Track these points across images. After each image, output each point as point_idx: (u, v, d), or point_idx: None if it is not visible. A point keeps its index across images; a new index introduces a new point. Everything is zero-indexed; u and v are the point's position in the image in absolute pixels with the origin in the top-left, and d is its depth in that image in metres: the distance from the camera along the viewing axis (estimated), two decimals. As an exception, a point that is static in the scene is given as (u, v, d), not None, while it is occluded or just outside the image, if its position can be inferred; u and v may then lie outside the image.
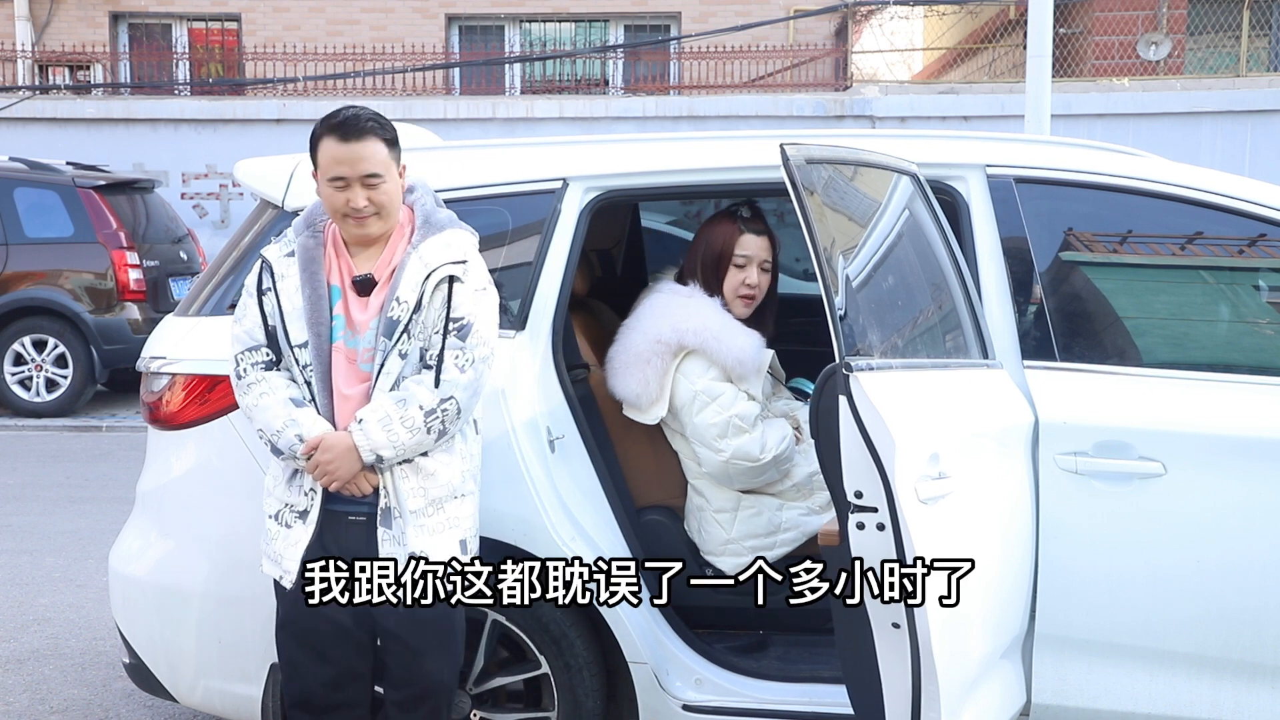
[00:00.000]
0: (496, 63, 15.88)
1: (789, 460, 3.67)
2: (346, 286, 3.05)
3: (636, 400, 3.59)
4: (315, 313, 3.01)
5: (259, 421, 3.01)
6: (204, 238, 12.87)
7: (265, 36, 15.84)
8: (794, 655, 3.58)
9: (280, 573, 3.05)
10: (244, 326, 3.08)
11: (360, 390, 3.00)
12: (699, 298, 3.66)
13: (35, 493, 7.85)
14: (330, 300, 3.03)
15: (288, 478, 3.05)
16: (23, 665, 4.79)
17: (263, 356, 3.05)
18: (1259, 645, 3.10)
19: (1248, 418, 3.13)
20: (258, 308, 3.07)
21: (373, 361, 2.98)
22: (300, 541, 3.02)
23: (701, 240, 3.77)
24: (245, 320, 3.09)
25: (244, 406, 3.06)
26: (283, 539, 3.04)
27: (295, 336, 3.02)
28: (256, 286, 3.09)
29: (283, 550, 3.04)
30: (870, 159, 3.13)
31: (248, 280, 3.13)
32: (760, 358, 3.64)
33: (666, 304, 3.64)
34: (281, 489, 3.07)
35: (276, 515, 3.07)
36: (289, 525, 3.04)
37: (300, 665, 3.10)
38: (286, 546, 3.03)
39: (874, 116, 13.77)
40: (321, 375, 3.01)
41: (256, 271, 3.11)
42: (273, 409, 2.99)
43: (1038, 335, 3.27)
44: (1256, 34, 15.20)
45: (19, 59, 15.51)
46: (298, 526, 3.03)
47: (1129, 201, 3.39)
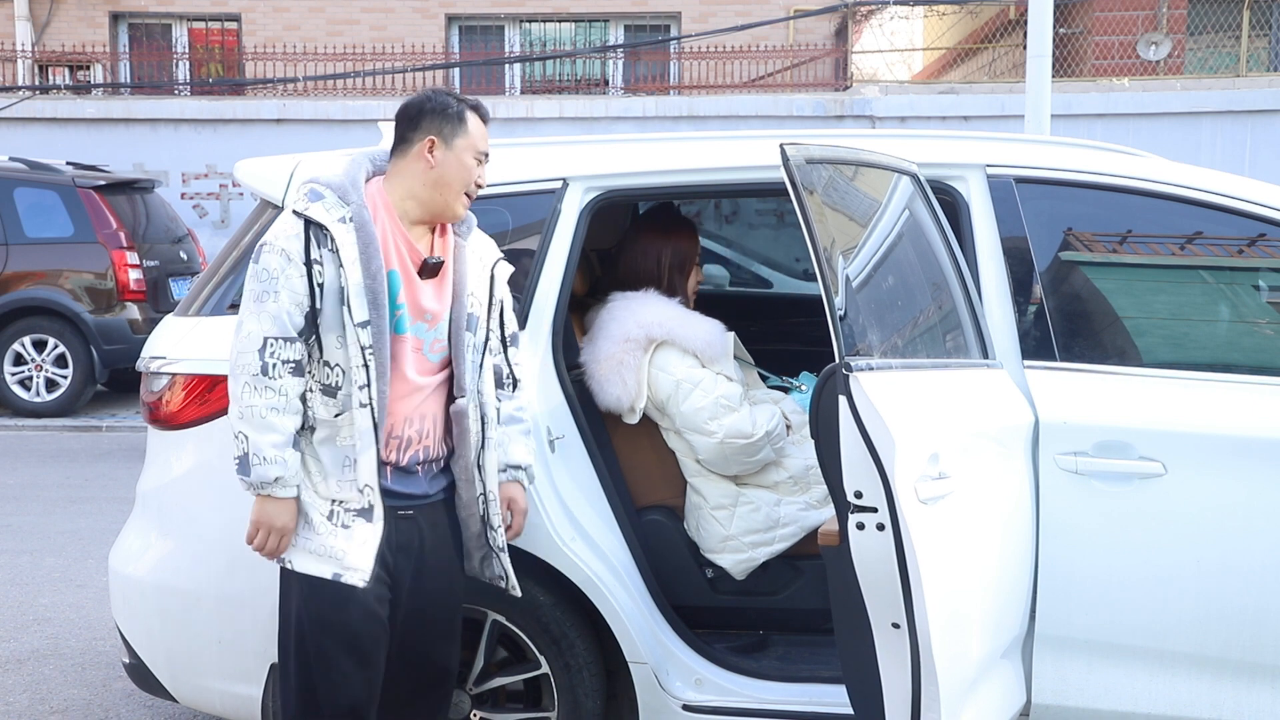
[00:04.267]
0: (496, 63, 15.88)
1: (781, 439, 3.69)
2: (409, 269, 2.94)
3: (620, 404, 3.61)
4: (378, 292, 2.84)
5: (252, 430, 2.79)
6: (204, 238, 12.87)
7: (265, 36, 15.84)
8: (794, 655, 3.59)
9: (341, 570, 2.87)
10: (281, 304, 2.79)
11: (436, 380, 3.01)
12: (653, 295, 3.73)
13: (35, 493, 7.85)
14: (391, 284, 2.89)
15: (338, 473, 2.88)
16: (23, 665, 4.79)
17: (295, 354, 2.82)
18: (1259, 645, 3.10)
19: (1248, 418, 3.13)
20: (305, 280, 2.81)
21: (442, 352, 3.01)
22: (369, 540, 2.88)
23: (656, 250, 3.85)
24: (282, 296, 2.80)
25: (243, 401, 2.80)
26: (342, 537, 2.88)
27: (358, 314, 2.82)
28: (304, 253, 2.81)
29: (344, 547, 2.87)
30: (870, 159, 3.13)
31: (285, 244, 2.81)
32: (725, 338, 3.72)
33: (624, 308, 3.69)
34: (328, 485, 2.90)
35: (330, 515, 2.89)
36: (347, 525, 2.89)
37: (348, 673, 2.92)
38: (350, 545, 2.87)
39: (874, 116, 13.77)
40: (383, 361, 2.86)
41: (299, 235, 2.82)
42: (276, 431, 2.80)
43: (1038, 335, 3.28)
44: (1256, 34, 15.20)
45: (19, 59, 15.51)
46: (360, 525, 2.89)
47: (1129, 201, 3.39)
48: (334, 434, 2.90)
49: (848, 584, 2.80)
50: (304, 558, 2.90)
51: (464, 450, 3.06)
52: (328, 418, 2.90)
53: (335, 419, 2.90)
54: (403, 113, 3.02)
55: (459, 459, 3.07)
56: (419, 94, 3.03)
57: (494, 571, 3.14)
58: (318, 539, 2.89)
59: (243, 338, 2.83)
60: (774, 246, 6.19)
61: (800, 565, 3.67)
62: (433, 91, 3.03)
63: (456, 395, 3.04)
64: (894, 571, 2.68)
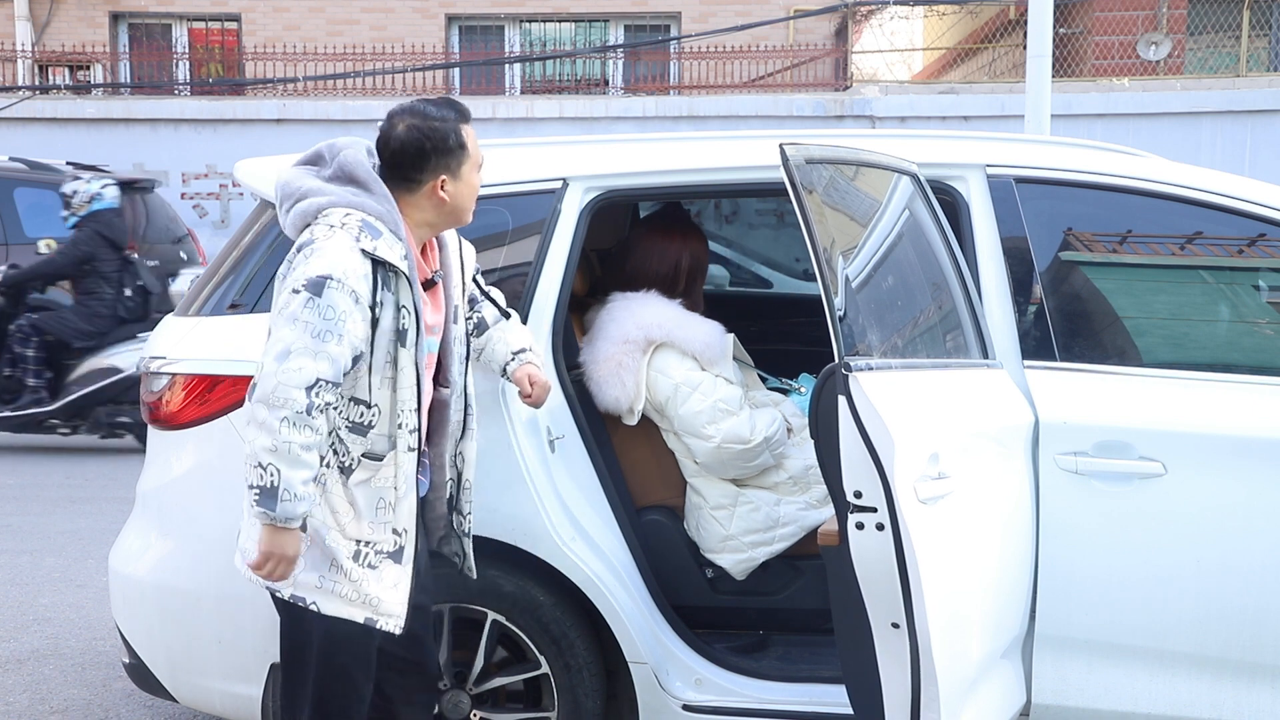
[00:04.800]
0: (496, 63, 15.88)
1: (781, 444, 3.68)
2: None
3: (619, 405, 3.60)
4: (424, 334, 2.89)
5: (285, 466, 2.66)
6: (204, 238, 12.86)
7: (265, 36, 15.84)
8: (794, 655, 3.59)
9: (375, 616, 2.84)
10: (342, 348, 2.71)
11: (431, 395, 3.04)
12: (653, 296, 3.71)
13: (35, 493, 7.85)
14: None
15: (371, 515, 2.85)
16: (23, 665, 4.79)
17: (334, 397, 2.74)
18: (1259, 645, 3.10)
19: (1248, 418, 3.13)
20: (369, 325, 2.76)
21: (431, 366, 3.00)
22: (400, 583, 2.86)
23: (675, 252, 3.84)
24: (345, 340, 2.71)
25: (280, 436, 2.66)
26: (373, 580, 2.83)
27: (418, 359, 2.86)
28: (372, 295, 2.75)
29: (377, 593, 2.83)
30: (870, 159, 3.13)
31: (356, 285, 2.71)
32: (724, 340, 3.71)
33: (624, 309, 3.69)
34: (359, 527, 2.84)
35: (356, 555, 2.83)
36: (374, 566, 2.84)
37: (360, 686, 2.95)
38: (383, 589, 2.83)
39: (874, 116, 13.78)
40: (424, 402, 2.93)
41: (368, 276, 2.75)
42: (308, 468, 2.71)
43: (1038, 335, 3.28)
44: (1256, 34, 15.20)
45: (19, 59, 15.51)
46: (389, 566, 2.85)
47: (1129, 201, 3.39)
48: (373, 475, 2.86)
49: (847, 584, 2.80)
50: (332, 601, 2.83)
51: (440, 439, 3.07)
52: (357, 455, 2.85)
53: (363, 458, 2.85)
54: (400, 153, 2.88)
55: (434, 446, 3.08)
56: (406, 128, 2.88)
57: (451, 548, 3.18)
58: (349, 584, 2.83)
59: (290, 370, 2.68)
60: (774, 246, 6.18)
61: (800, 565, 3.67)
62: (420, 120, 2.88)
63: (440, 385, 3.04)
64: (893, 571, 2.68)
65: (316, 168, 2.96)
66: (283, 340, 2.70)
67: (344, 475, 2.85)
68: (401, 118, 2.92)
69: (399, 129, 2.90)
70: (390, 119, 2.94)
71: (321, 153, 2.98)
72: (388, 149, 2.91)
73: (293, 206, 2.90)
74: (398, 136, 2.90)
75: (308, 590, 2.83)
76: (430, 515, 3.14)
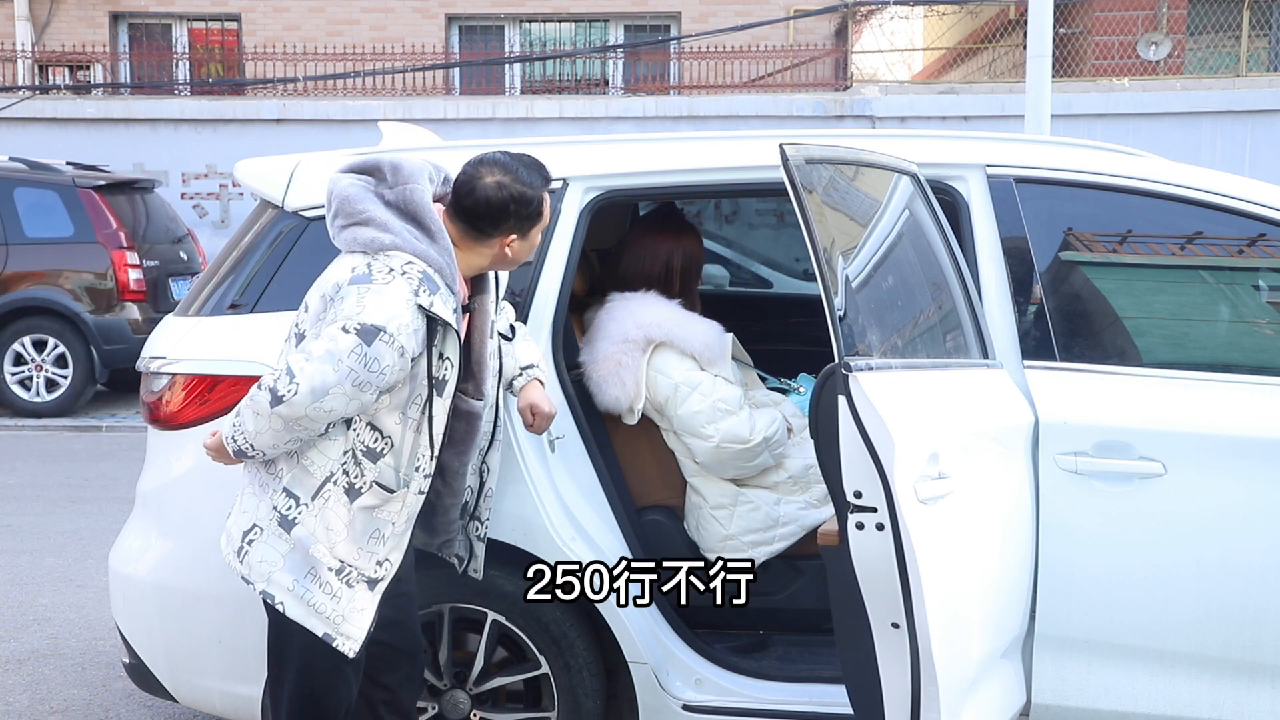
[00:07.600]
0: (496, 63, 15.87)
1: (781, 444, 3.68)
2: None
3: (619, 405, 3.61)
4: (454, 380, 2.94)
5: (266, 450, 2.81)
6: (204, 238, 12.87)
7: (265, 36, 15.84)
8: (794, 655, 3.59)
9: (334, 635, 2.84)
10: (374, 396, 2.76)
11: None
12: (652, 296, 3.72)
13: (35, 493, 7.85)
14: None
15: (361, 541, 2.85)
16: (23, 665, 4.79)
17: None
18: (1259, 645, 3.10)
19: (1248, 418, 3.13)
20: (407, 372, 2.79)
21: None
22: (367, 609, 2.87)
23: (666, 252, 3.84)
24: (380, 391, 2.76)
25: (280, 439, 2.78)
26: (345, 599, 2.84)
27: (449, 405, 2.93)
28: (416, 349, 2.78)
29: (343, 613, 2.84)
30: (870, 159, 3.13)
31: (405, 341, 2.73)
32: (723, 340, 3.71)
33: (623, 308, 3.69)
34: (345, 547, 2.85)
35: (339, 572, 2.84)
36: (350, 586, 2.85)
37: (348, 678, 2.98)
38: (350, 610, 2.85)
39: (874, 116, 13.77)
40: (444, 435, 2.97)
41: (420, 332, 2.77)
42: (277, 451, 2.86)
43: (1038, 335, 3.28)
44: (1256, 34, 15.20)
45: (19, 59, 15.51)
46: (362, 591, 2.86)
47: (1129, 201, 3.39)
48: (380, 506, 2.86)
49: (847, 584, 2.80)
50: (299, 607, 2.85)
51: (468, 448, 3.06)
52: (370, 480, 2.84)
53: (376, 484, 2.84)
54: (482, 207, 2.89)
55: (461, 455, 3.06)
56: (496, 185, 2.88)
57: (454, 551, 3.19)
58: (320, 596, 2.84)
59: (322, 410, 2.72)
60: (774, 246, 6.19)
61: (800, 565, 3.68)
62: (510, 181, 2.89)
63: (474, 398, 3.03)
64: (893, 571, 2.68)
65: (374, 182, 2.91)
66: (323, 377, 2.70)
67: (349, 497, 2.84)
68: (492, 172, 2.90)
69: (487, 182, 2.89)
70: (479, 167, 2.91)
71: (381, 165, 2.92)
72: (470, 197, 2.89)
73: (349, 226, 2.85)
74: (484, 190, 2.89)
75: (279, 590, 2.85)
76: (439, 521, 3.13)
